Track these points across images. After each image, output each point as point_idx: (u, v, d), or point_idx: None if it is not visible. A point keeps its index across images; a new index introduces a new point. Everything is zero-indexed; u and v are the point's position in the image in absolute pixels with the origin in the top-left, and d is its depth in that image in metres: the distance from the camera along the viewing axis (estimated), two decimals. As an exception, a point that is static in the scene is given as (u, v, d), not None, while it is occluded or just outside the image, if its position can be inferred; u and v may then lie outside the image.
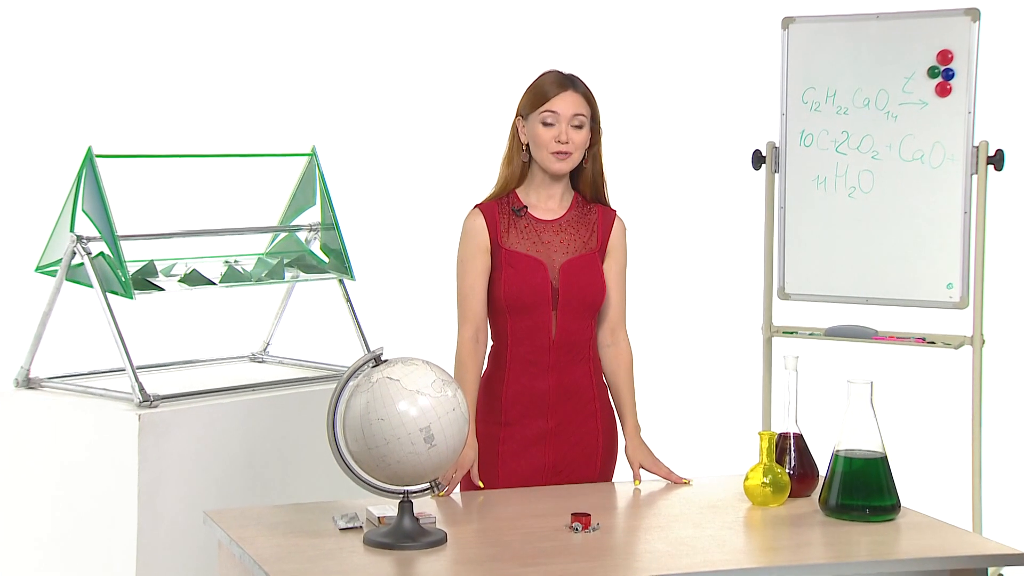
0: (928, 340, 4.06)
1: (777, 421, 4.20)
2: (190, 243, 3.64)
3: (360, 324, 3.82)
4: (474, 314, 2.91)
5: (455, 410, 2.40)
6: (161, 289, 3.44)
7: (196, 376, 3.67)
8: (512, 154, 2.97)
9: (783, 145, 4.24)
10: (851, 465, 2.61)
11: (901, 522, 2.60)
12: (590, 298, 2.93)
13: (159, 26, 5.39)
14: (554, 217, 2.96)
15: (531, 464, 2.91)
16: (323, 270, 3.78)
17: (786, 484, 2.71)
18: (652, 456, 2.94)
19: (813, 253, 4.20)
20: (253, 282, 3.65)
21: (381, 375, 2.39)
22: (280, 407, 3.48)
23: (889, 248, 4.08)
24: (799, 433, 2.79)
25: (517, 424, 2.91)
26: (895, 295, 4.09)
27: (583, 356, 2.94)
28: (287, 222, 3.83)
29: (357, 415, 2.38)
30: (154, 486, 3.17)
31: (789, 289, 4.25)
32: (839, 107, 4.14)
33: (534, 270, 2.90)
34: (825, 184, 4.17)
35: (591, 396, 2.96)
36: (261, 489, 3.41)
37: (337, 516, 2.54)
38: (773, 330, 4.27)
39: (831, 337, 4.18)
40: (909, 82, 4.03)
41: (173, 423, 3.22)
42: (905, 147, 4.05)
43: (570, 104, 2.89)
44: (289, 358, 3.92)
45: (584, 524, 2.51)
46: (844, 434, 2.64)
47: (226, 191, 4.69)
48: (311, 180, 3.80)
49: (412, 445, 2.35)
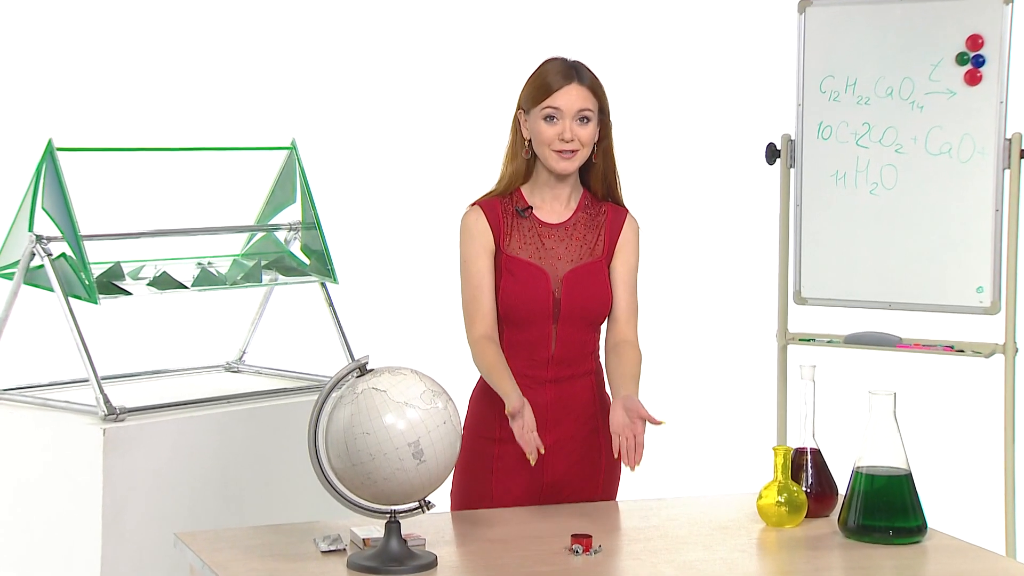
0: (956, 348, 4.06)
1: (793, 435, 4.19)
2: (160, 243, 3.64)
3: (344, 331, 3.82)
4: (484, 314, 2.88)
5: (446, 423, 2.39)
6: (128, 293, 3.44)
7: (166, 387, 3.67)
8: (515, 150, 2.96)
9: (799, 138, 4.24)
10: (873, 483, 2.61)
11: (928, 545, 2.60)
12: (594, 312, 2.92)
13: (124, 8, 5.39)
14: (560, 220, 2.95)
15: (528, 482, 2.91)
16: (304, 273, 3.78)
17: (803, 503, 2.71)
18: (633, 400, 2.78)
19: (831, 254, 4.20)
20: (228, 286, 3.65)
21: (366, 386, 2.39)
22: (257, 420, 3.47)
23: (914, 249, 4.08)
24: (816, 448, 2.79)
25: (512, 440, 2.90)
26: (920, 299, 4.09)
27: (584, 370, 2.94)
28: (265, 221, 3.83)
29: (340, 429, 2.38)
30: (120, 506, 3.16)
31: (806, 293, 4.26)
32: (860, 97, 4.14)
33: (535, 279, 2.89)
34: (845, 180, 4.18)
35: (593, 411, 2.95)
36: (236, 509, 3.41)
37: (319, 538, 2.53)
38: (788, 337, 4.28)
39: (851, 345, 4.18)
40: (936, 69, 4.03)
41: (140, 438, 3.21)
42: (932, 140, 4.05)
43: (575, 99, 2.87)
44: (267, 368, 3.92)
45: (585, 546, 2.51)
46: (865, 449, 2.64)
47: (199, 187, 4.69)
48: (291, 175, 3.80)
49: (400, 461, 2.35)
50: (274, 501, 3.48)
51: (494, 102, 3.85)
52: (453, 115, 5.60)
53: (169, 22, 5.43)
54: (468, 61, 5.64)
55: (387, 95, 5.68)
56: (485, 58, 5.53)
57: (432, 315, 4.57)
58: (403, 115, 5.66)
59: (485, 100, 5.23)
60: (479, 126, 4.52)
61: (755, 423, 4.97)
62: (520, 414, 2.75)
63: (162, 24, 5.42)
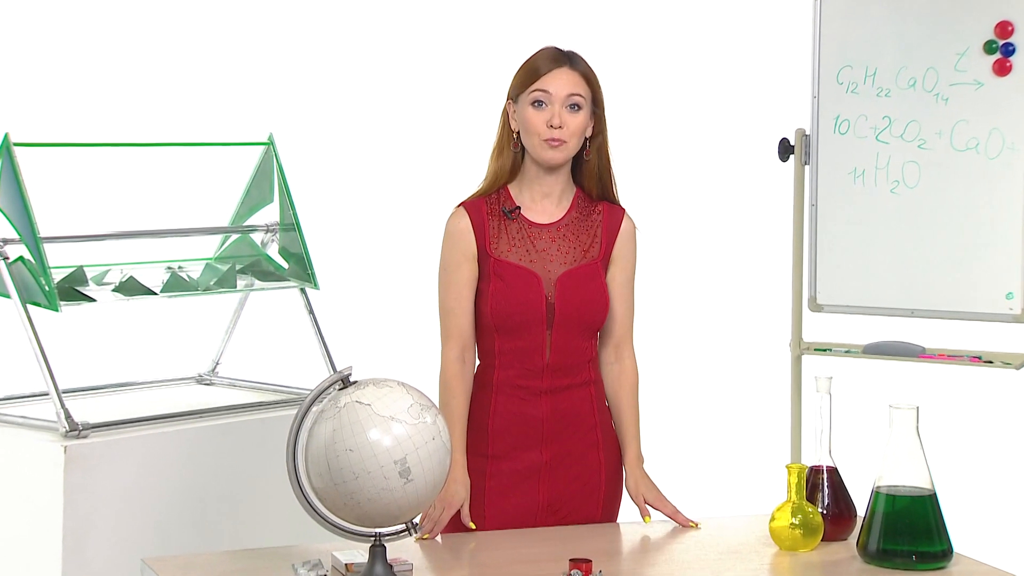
0: (984, 359, 4.07)
1: (808, 452, 4.20)
2: (126, 246, 3.64)
3: (325, 340, 3.82)
4: (460, 330, 2.91)
5: (435, 439, 2.40)
6: (92, 300, 3.44)
7: (133, 401, 3.67)
8: (503, 144, 2.97)
9: (814, 133, 4.24)
10: (894, 504, 2.61)
11: (953, 570, 2.61)
12: (590, 316, 2.93)
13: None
14: (551, 220, 2.96)
15: (523, 503, 2.91)
16: (282, 277, 3.78)
17: (818, 526, 2.71)
18: (656, 490, 2.94)
19: (849, 258, 4.21)
20: (200, 291, 3.65)
21: (349, 399, 2.39)
22: (231, 437, 3.47)
23: (938, 252, 4.09)
24: (833, 466, 2.79)
25: (506, 457, 2.91)
26: (945, 306, 4.09)
27: (582, 379, 2.95)
28: (240, 222, 3.83)
29: (322, 445, 2.38)
30: (82, 530, 3.16)
31: (821, 299, 4.26)
32: (880, 88, 4.15)
33: (527, 283, 2.90)
34: (863, 177, 4.18)
35: (592, 424, 2.96)
36: (209, 533, 3.41)
37: (298, 563, 2.53)
38: (803, 347, 4.28)
39: (870, 355, 4.19)
40: (962, 59, 4.04)
41: (105, 456, 3.21)
42: (957, 134, 4.06)
43: (565, 83, 2.89)
44: (242, 380, 3.92)
45: (585, 572, 2.51)
46: (886, 468, 2.64)
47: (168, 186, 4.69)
48: (268, 173, 3.80)
49: (385, 480, 2.35)
50: (250, 524, 3.48)
51: (485, 95, 3.86)
52: (442, 108, 5.60)
53: (134, 8, 5.43)
54: (460, 51, 5.64)
55: (371, 85, 5.68)
56: (477, 49, 5.54)
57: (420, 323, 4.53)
58: (389, 107, 5.66)
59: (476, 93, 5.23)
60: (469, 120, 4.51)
61: (767, 439, 4.97)
62: (448, 504, 2.82)
63: (127, 11, 5.42)
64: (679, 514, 2.90)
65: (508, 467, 2.90)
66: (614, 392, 3.01)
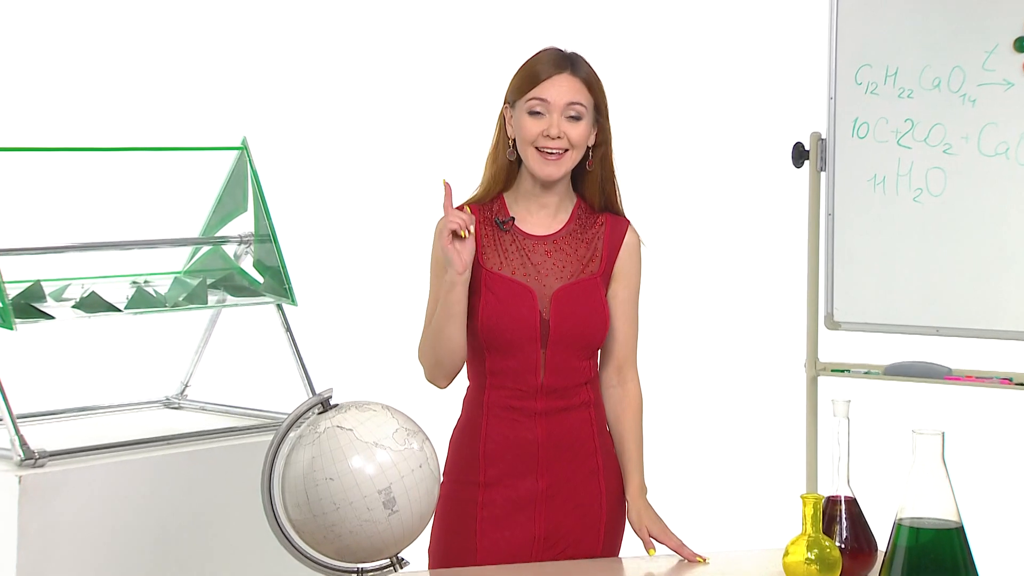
0: (1015, 381, 4.07)
1: (824, 481, 4.21)
2: (87, 259, 3.64)
3: (303, 360, 3.83)
4: None
5: (422, 467, 2.40)
6: (50, 317, 3.44)
7: (94, 427, 3.66)
8: (498, 150, 2.98)
9: (831, 137, 4.26)
10: (918, 537, 2.61)
11: (981, 608, 2.61)
12: (588, 335, 2.94)
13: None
14: (548, 232, 2.97)
15: (517, 535, 2.91)
16: (257, 293, 3.79)
17: (836, 561, 2.71)
18: (661, 522, 2.95)
19: (869, 271, 4.22)
20: (168, 308, 3.65)
21: (330, 424, 2.39)
22: (201, 465, 3.47)
23: (965, 265, 4.09)
24: (852, 497, 2.80)
25: (499, 485, 2.91)
26: (972, 324, 4.10)
27: (580, 401, 2.95)
28: (211, 233, 3.84)
29: (299, 474, 2.38)
30: (38, 565, 3.15)
31: (839, 316, 4.27)
32: (902, 89, 4.16)
33: (520, 298, 2.90)
34: (884, 185, 4.20)
35: (592, 449, 2.97)
36: (176, 569, 3.41)
37: (273, 602, 2.54)
38: (819, 368, 4.29)
39: (892, 377, 4.20)
40: (991, 57, 4.06)
41: (64, 485, 3.21)
42: (986, 138, 4.07)
43: (565, 90, 2.90)
44: (213, 403, 3.92)
45: (584, 611, 2.51)
46: (909, 498, 2.64)
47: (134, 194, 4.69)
48: (241, 180, 3.80)
49: (368, 511, 2.35)
50: (221, 560, 3.48)
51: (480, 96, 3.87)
52: (432, 109, 5.61)
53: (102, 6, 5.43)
54: (451, 49, 5.65)
55: (354, 84, 5.68)
56: (469, 46, 5.55)
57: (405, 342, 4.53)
58: (373, 107, 5.66)
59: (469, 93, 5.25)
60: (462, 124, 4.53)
61: (780, 467, 4.97)
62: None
63: (89, 5, 5.42)
64: (685, 548, 2.91)
65: (501, 496, 2.90)
66: (616, 417, 3.02)
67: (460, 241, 2.81)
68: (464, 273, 2.81)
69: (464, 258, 2.80)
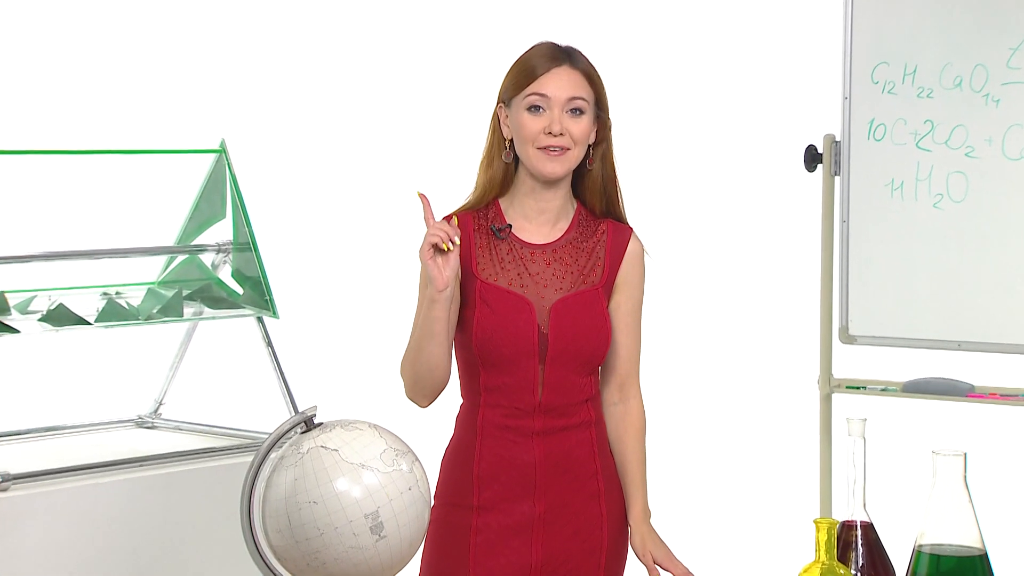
0: (1041, 398, 4.08)
1: (839, 505, 4.21)
2: (56, 269, 3.64)
3: (285, 376, 3.82)
4: None
5: (412, 489, 2.39)
6: (15, 331, 3.44)
7: (63, 448, 3.66)
8: (493, 153, 2.98)
9: (846, 139, 4.26)
10: (939, 565, 2.61)
11: (1006, 640, 2.61)
12: (588, 349, 2.93)
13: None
14: (547, 240, 2.96)
15: (513, 562, 2.91)
16: (236, 305, 3.78)
17: (853, 589, 2.71)
18: (665, 548, 2.94)
19: (886, 282, 4.22)
20: (141, 321, 3.65)
21: (313, 444, 2.39)
22: (177, 488, 3.47)
23: (988, 275, 4.10)
24: (868, 522, 2.79)
25: (494, 509, 2.91)
26: (996, 338, 4.10)
27: (580, 420, 2.95)
28: (187, 241, 3.84)
29: (281, 497, 2.37)
30: (6, 594, 3.16)
31: (854, 330, 4.27)
32: (921, 88, 4.17)
33: (516, 311, 2.90)
34: (902, 190, 4.20)
35: (592, 471, 2.96)
36: (150, 598, 3.41)
37: (253, 633, 2.53)
38: (833, 384, 4.29)
39: (910, 394, 4.20)
40: (1016, 55, 4.06)
41: (30, 511, 3.20)
42: (1010, 141, 4.07)
43: (565, 84, 2.90)
44: (189, 422, 3.92)
45: (584, 643, 2.51)
46: (929, 523, 2.65)
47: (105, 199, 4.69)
48: (219, 185, 3.80)
49: (355, 537, 2.35)
50: (197, 588, 3.48)
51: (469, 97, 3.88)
52: (420, 111, 5.61)
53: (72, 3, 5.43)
54: (441, 48, 5.66)
55: (338, 84, 5.69)
56: (459, 45, 5.56)
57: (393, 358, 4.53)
58: (359, 109, 5.67)
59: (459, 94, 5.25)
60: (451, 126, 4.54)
61: (792, 490, 4.98)
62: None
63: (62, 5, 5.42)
64: (691, 575, 2.91)
65: (496, 521, 2.90)
66: (618, 436, 3.02)
67: (443, 255, 2.78)
68: (445, 290, 2.79)
69: (446, 274, 2.77)
